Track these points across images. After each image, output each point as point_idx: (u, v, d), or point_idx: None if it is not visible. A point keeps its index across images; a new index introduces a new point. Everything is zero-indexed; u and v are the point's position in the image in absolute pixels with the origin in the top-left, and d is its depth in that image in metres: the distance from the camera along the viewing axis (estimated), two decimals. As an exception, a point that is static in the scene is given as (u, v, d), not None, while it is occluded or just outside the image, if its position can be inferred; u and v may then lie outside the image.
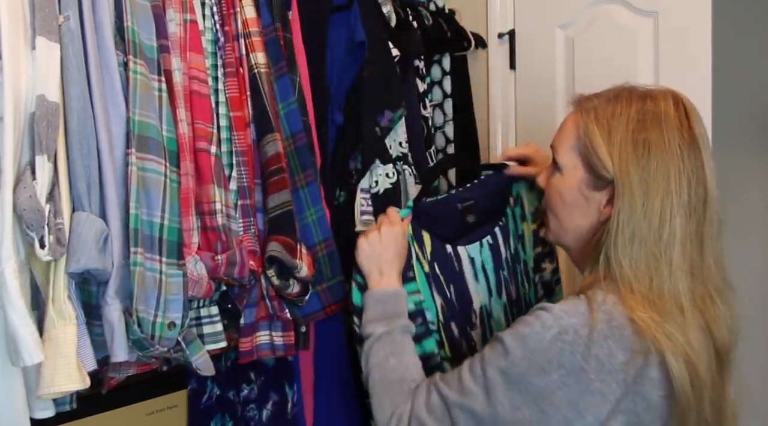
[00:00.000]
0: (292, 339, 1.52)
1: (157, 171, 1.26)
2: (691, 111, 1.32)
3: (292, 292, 1.48)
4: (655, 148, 1.28)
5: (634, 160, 1.28)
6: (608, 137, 1.30)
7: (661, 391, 1.23)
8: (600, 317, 1.23)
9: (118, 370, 1.32)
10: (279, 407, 1.65)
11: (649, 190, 1.27)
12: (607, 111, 1.32)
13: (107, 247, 1.18)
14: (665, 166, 1.28)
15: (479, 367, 1.27)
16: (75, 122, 1.13)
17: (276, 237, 1.45)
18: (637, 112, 1.30)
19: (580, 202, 1.37)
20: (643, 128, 1.29)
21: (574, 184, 1.36)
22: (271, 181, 1.47)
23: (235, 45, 1.46)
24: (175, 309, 1.26)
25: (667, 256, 1.27)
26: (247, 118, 1.47)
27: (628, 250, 1.27)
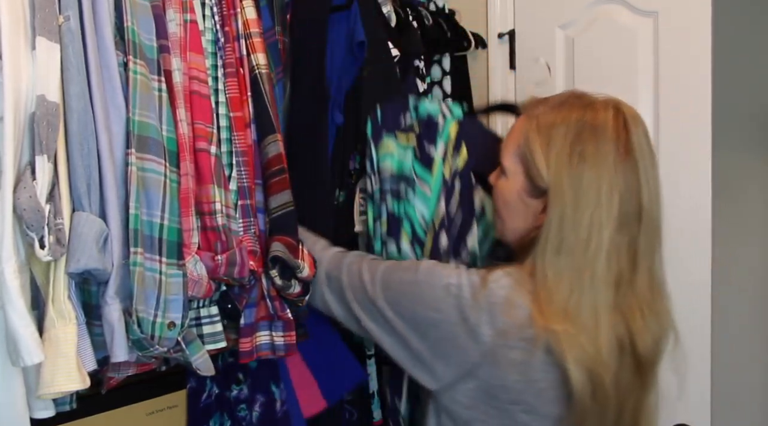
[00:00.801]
0: (294, 339, 1.52)
1: (157, 171, 1.26)
2: (632, 122, 1.33)
3: (293, 292, 1.48)
4: (590, 159, 1.29)
5: (568, 171, 1.29)
6: (546, 146, 1.32)
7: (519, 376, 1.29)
8: (483, 292, 1.29)
9: (118, 370, 1.32)
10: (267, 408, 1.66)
11: (580, 202, 1.29)
12: (548, 119, 1.34)
13: (107, 247, 1.17)
14: (597, 179, 1.29)
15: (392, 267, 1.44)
16: (75, 122, 1.13)
17: (279, 237, 1.45)
18: (576, 122, 1.32)
19: (520, 207, 1.39)
20: (579, 139, 1.30)
21: (515, 190, 1.39)
22: (273, 182, 1.48)
23: (236, 45, 1.46)
24: (175, 309, 1.26)
25: (591, 269, 1.29)
26: (247, 119, 1.47)
27: (554, 260, 1.29)
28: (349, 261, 1.51)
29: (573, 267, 1.29)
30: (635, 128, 1.33)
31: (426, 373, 1.37)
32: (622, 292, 1.31)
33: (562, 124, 1.32)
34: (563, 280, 1.29)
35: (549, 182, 1.31)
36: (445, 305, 1.31)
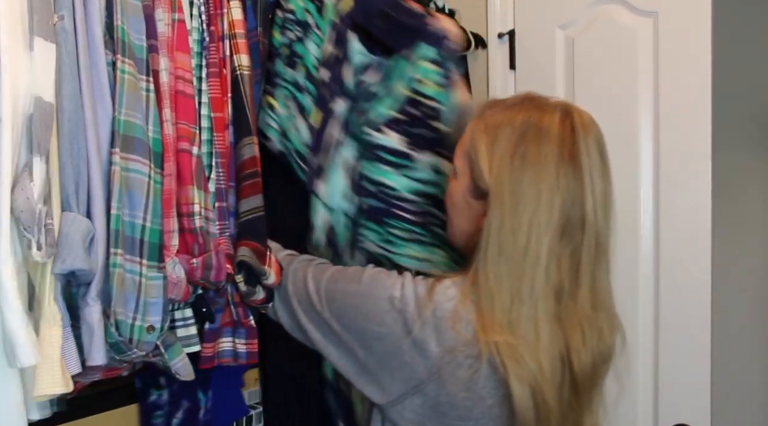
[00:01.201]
0: (256, 347, 1.56)
1: (142, 172, 1.29)
2: (579, 128, 1.31)
3: (257, 298, 1.50)
4: (531, 162, 1.28)
5: (509, 173, 1.28)
6: (491, 147, 1.31)
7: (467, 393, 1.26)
8: (430, 306, 1.27)
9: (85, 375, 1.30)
10: (189, 414, 1.67)
11: (519, 206, 1.27)
12: (496, 119, 1.34)
13: (93, 248, 1.21)
14: (537, 182, 1.27)
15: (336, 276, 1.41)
16: (66, 122, 1.17)
17: (246, 242, 1.47)
18: (521, 123, 1.31)
19: (464, 208, 1.39)
20: (522, 140, 1.29)
21: (461, 191, 1.39)
22: (245, 185, 1.51)
23: (220, 45, 1.51)
24: (154, 312, 1.29)
25: (530, 277, 1.26)
26: (227, 120, 1.50)
27: (495, 265, 1.27)
28: (295, 268, 1.52)
29: (512, 274, 1.27)
30: (584, 133, 1.30)
31: (373, 387, 1.36)
32: (563, 304, 1.29)
33: (508, 125, 1.31)
34: (503, 287, 1.27)
35: (489, 184, 1.30)
36: (389, 319, 1.30)
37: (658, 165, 2.07)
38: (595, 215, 1.28)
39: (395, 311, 1.29)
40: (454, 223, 1.44)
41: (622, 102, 2.12)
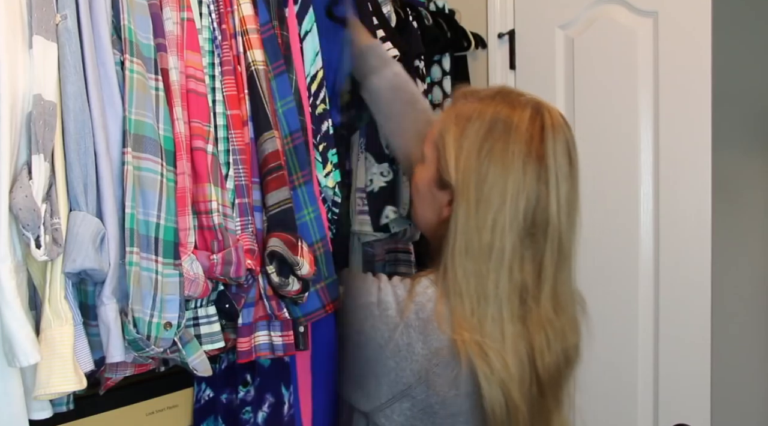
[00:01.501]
0: (292, 339, 1.51)
1: (154, 170, 1.25)
2: (549, 127, 1.27)
3: (291, 289, 1.46)
4: (497, 157, 1.24)
5: (475, 167, 1.25)
6: (459, 140, 1.27)
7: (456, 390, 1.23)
8: (411, 307, 1.23)
9: (115, 371, 1.31)
10: (275, 409, 1.63)
11: (484, 202, 1.24)
12: (467, 110, 1.29)
13: (104, 247, 1.17)
14: (503, 179, 1.23)
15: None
16: (72, 122, 1.12)
17: (277, 233, 1.44)
18: (491, 117, 1.26)
19: (428, 197, 1.36)
20: (490, 135, 1.25)
21: (426, 179, 1.36)
22: (270, 179, 1.46)
23: (233, 43, 1.45)
24: (171, 309, 1.25)
25: (495, 276, 1.24)
26: (244, 117, 1.46)
27: (462, 262, 1.25)
28: None
29: (478, 272, 1.24)
30: (552, 135, 1.27)
31: (358, 394, 1.33)
32: (527, 306, 1.26)
33: (478, 118, 1.27)
34: (470, 285, 1.24)
35: (455, 178, 1.27)
36: (368, 326, 1.27)
37: (657, 165, 2.05)
38: (559, 219, 1.25)
39: (373, 317, 1.25)
40: (418, 212, 1.41)
41: (622, 102, 2.11)
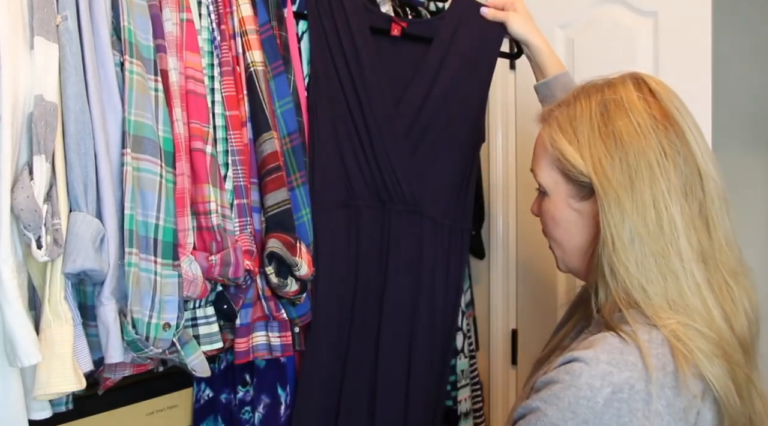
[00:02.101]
0: (290, 339, 1.53)
1: (153, 171, 1.26)
2: (657, 90, 1.21)
3: (289, 290, 1.47)
4: (627, 136, 1.18)
5: (608, 156, 1.18)
6: (574, 139, 1.21)
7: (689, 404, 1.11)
8: (654, 364, 1.08)
9: (114, 371, 1.32)
10: (271, 409, 1.64)
11: (634, 183, 1.16)
12: (567, 115, 1.24)
13: (104, 248, 1.18)
14: (643, 153, 1.17)
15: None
16: (72, 123, 1.13)
17: (275, 234, 1.45)
18: (597, 105, 1.21)
19: (573, 219, 1.27)
20: (608, 120, 1.20)
21: (562, 201, 1.27)
22: (269, 180, 1.47)
23: (232, 43, 1.46)
24: (170, 310, 1.26)
25: (675, 249, 1.15)
26: (243, 117, 1.46)
27: (631, 253, 1.15)
28: None
29: (656, 252, 1.15)
30: (664, 92, 1.21)
31: None
32: (710, 268, 1.17)
33: (584, 112, 1.22)
34: (651, 269, 1.15)
35: (589, 174, 1.19)
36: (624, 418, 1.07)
37: (658, 164, 2.08)
38: (707, 165, 1.18)
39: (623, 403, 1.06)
40: (565, 244, 1.30)
41: (623, 102, 2.13)
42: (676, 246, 1.15)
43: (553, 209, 1.29)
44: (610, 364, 1.08)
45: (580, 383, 1.08)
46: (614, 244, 1.16)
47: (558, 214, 1.28)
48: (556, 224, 1.30)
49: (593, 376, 1.07)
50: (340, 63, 1.67)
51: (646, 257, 1.15)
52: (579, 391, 1.07)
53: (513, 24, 1.71)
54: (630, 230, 1.16)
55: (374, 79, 1.68)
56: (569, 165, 1.22)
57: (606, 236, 1.17)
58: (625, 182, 1.16)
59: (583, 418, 1.06)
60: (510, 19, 1.69)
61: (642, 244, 1.15)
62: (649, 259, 1.15)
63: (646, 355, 1.08)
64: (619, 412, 1.06)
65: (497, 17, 1.72)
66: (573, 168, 1.21)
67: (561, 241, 1.30)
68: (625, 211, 1.16)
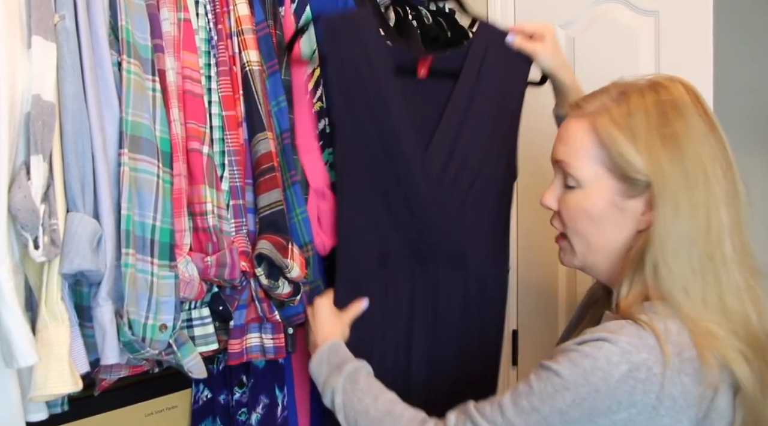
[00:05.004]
0: (283, 341, 1.53)
1: (150, 172, 1.26)
2: (698, 94, 1.25)
3: (281, 292, 1.48)
4: (684, 139, 1.19)
5: (667, 156, 1.19)
6: (632, 137, 1.20)
7: (726, 420, 1.16)
8: (671, 350, 1.11)
9: (109, 372, 1.33)
10: (268, 411, 1.64)
11: (690, 185, 1.18)
12: (620, 110, 1.23)
13: (101, 248, 1.18)
14: (698, 157, 1.19)
15: (527, 403, 1.15)
16: (70, 122, 1.14)
17: (266, 236, 1.45)
18: (654, 104, 1.22)
19: (613, 215, 1.25)
20: (666, 121, 1.20)
21: (604, 197, 1.25)
22: (262, 180, 1.47)
23: (229, 43, 1.46)
24: (166, 311, 1.27)
25: (720, 252, 1.19)
26: (239, 117, 1.47)
27: (680, 254, 1.18)
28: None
29: (703, 255, 1.18)
30: (703, 99, 1.25)
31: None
32: (745, 271, 1.21)
33: (639, 109, 1.21)
34: (696, 270, 1.18)
35: (649, 173, 1.19)
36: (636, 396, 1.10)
37: (659, 164, 2.08)
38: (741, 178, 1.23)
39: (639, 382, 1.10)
40: (594, 238, 1.28)
41: (623, 101, 2.13)
42: (721, 249, 1.18)
43: (587, 204, 1.27)
44: (629, 344, 1.11)
45: (598, 355, 1.11)
46: (664, 244, 1.18)
47: (595, 209, 1.26)
48: (589, 219, 1.27)
49: (612, 352, 1.10)
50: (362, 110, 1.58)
51: (694, 259, 1.18)
52: (596, 362, 1.11)
53: (541, 58, 1.64)
54: (682, 231, 1.18)
55: (402, 125, 1.59)
56: (625, 162, 1.21)
57: (656, 235, 1.18)
58: (681, 184, 1.18)
59: (595, 387, 1.10)
60: (539, 53, 1.61)
61: (692, 245, 1.18)
62: (696, 260, 1.18)
63: (662, 341, 1.11)
64: (633, 390, 1.09)
65: (525, 49, 1.64)
66: (629, 165, 1.21)
67: (589, 236, 1.29)
68: (680, 213, 1.18)
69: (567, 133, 1.30)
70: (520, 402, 1.15)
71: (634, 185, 1.22)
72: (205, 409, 1.70)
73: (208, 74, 1.43)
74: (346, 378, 1.39)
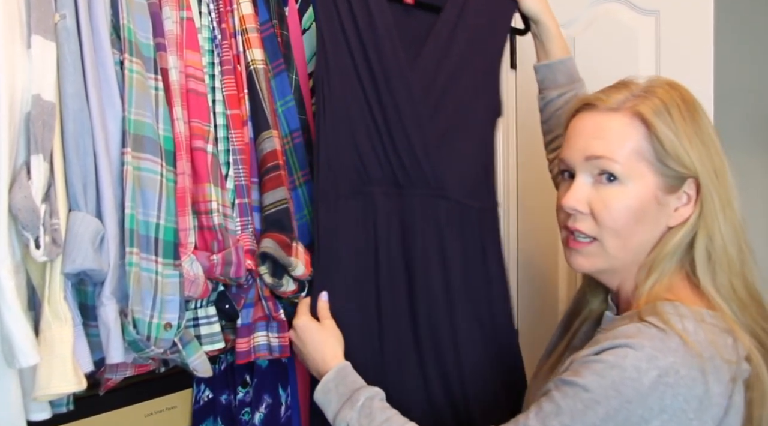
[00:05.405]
0: (287, 340, 1.52)
1: (153, 170, 1.26)
2: None
3: (286, 290, 1.47)
4: (710, 135, 1.23)
5: (704, 150, 1.21)
6: (675, 130, 1.20)
7: (740, 415, 1.15)
8: (695, 351, 1.10)
9: (115, 372, 1.32)
10: (272, 410, 1.63)
11: (719, 177, 1.22)
12: (654, 103, 1.22)
13: (103, 247, 1.18)
14: (718, 151, 1.23)
15: (557, 423, 1.11)
16: (71, 122, 1.13)
17: (270, 234, 1.44)
18: (681, 100, 1.23)
19: (654, 211, 1.23)
20: (694, 116, 1.22)
21: (648, 192, 1.22)
22: (267, 179, 1.46)
23: (233, 42, 1.46)
24: (171, 309, 1.26)
25: (746, 243, 1.25)
26: (244, 116, 1.46)
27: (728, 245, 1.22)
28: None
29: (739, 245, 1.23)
30: None
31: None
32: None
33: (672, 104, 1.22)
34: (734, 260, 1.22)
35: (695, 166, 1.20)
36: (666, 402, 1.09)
37: (659, 164, 2.08)
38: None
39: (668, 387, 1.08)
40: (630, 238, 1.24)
41: (624, 101, 2.13)
42: (745, 240, 1.25)
43: (632, 200, 1.22)
44: (654, 349, 1.09)
45: (625, 364, 1.09)
46: (712, 236, 1.21)
47: (640, 205, 1.22)
48: (633, 216, 1.23)
49: (639, 358, 1.08)
50: (350, 30, 1.54)
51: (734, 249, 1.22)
52: (624, 372, 1.08)
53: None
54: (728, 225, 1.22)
55: (390, 46, 1.55)
56: (673, 154, 1.21)
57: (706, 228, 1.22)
58: (717, 175, 1.22)
59: (627, 398, 1.07)
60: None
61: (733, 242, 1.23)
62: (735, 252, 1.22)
63: (687, 341, 1.10)
64: (663, 396, 1.07)
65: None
66: (677, 158, 1.21)
67: (630, 235, 1.24)
68: (722, 205, 1.22)
69: (602, 127, 1.25)
70: (550, 423, 1.11)
71: (675, 179, 1.22)
72: (206, 409, 1.69)
73: (211, 73, 1.43)
74: (360, 413, 1.31)
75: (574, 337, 1.39)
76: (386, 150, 1.56)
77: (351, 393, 1.35)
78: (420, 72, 1.60)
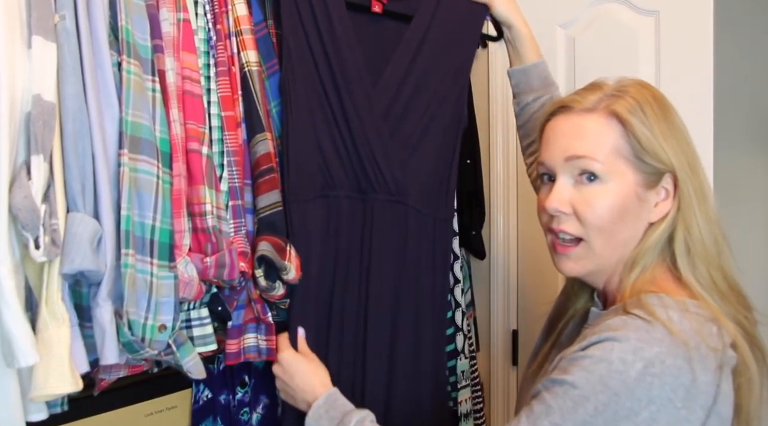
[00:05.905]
0: (274, 343, 1.53)
1: (150, 172, 1.27)
2: None
3: (276, 294, 1.48)
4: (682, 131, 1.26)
5: (678, 145, 1.23)
6: (650, 127, 1.22)
7: (729, 402, 1.16)
8: (680, 340, 1.10)
9: (109, 372, 1.34)
10: (269, 410, 1.64)
11: (693, 171, 1.24)
12: (629, 102, 1.24)
13: (101, 248, 1.18)
14: (690, 146, 1.25)
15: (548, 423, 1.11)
16: (70, 122, 1.14)
17: (265, 237, 1.45)
18: (653, 97, 1.25)
19: (636, 207, 1.24)
20: (665, 113, 1.24)
21: (628, 190, 1.23)
22: (261, 181, 1.47)
23: (227, 43, 1.47)
24: (166, 311, 1.27)
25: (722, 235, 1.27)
26: (238, 118, 1.47)
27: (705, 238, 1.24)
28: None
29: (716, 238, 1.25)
30: None
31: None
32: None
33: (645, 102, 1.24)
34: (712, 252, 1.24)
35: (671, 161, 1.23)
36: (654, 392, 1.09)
37: (659, 164, 2.08)
38: None
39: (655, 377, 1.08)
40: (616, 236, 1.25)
41: (624, 101, 2.13)
42: (721, 232, 1.26)
43: (613, 198, 1.24)
44: (639, 340, 1.10)
45: (611, 357, 1.10)
46: (690, 230, 1.24)
47: (621, 202, 1.24)
48: (616, 214, 1.24)
49: (625, 351, 1.09)
50: (314, 39, 1.56)
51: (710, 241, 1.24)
52: (611, 365, 1.09)
53: (497, 4, 1.70)
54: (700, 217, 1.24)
55: (351, 56, 1.58)
56: (650, 151, 1.23)
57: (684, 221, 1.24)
58: (692, 169, 1.25)
59: (615, 391, 1.08)
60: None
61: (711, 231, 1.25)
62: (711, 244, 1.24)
63: (672, 331, 1.11)
64: (651, 386, 1.08)
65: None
66: (654, 154, 1.23)
67: (614, 232, 1.25)
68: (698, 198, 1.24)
69: (580, 127, 1.26)
70: (541, 423, 1.11)
71: (653, 174, 1.24)
72: (205, 409, 1.70)
73: (207, 74, 1.43)
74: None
75: (560, 336, 1.41)
76: (350, 157, 1.61)
77: (342, 416, 1.37)
78: (386, 81, 1.64)
